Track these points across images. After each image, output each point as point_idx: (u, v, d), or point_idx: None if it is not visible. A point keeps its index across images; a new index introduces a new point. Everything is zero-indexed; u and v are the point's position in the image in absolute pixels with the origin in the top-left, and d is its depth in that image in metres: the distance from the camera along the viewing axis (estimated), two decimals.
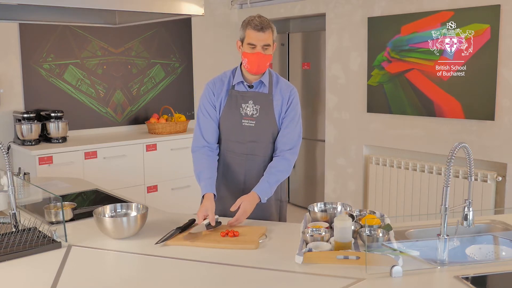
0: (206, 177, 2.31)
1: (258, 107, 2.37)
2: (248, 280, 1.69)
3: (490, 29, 3.67)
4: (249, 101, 2.37)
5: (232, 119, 2.38)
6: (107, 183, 3.76)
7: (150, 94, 5.15)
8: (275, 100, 2.39)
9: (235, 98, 2.38)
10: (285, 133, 2.39)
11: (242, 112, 2.37)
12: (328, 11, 4.79)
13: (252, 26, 2.26)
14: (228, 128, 2.40)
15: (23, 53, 4.36)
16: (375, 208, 4.52)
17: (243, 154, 2.40)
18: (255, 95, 2.38)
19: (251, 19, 2.28)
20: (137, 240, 2.04)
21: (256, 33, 2.25)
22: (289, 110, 2.39)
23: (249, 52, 2.28)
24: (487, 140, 3.82)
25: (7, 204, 2.32)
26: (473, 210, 1.90)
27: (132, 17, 3.26)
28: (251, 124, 2.37)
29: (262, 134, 2.38)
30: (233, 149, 2.41)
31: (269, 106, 2.38)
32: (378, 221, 2.00)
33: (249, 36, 2.27)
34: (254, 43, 2.26)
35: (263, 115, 2.37)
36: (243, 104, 2.38)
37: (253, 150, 2.40)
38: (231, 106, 2.38)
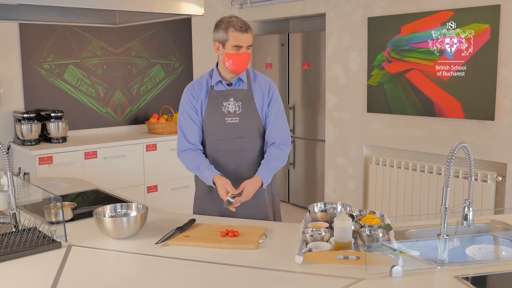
0: (206, 165, 2.37)
1: (240, 103, 2.41)
2: (248, 280, 1.69)
3: (490, 29, 3.67)
4: (230, 98, 2.41)
5: (215, 118, 2.41)
6: (107, 183, 3.76)
7: (150, 94, 5.15)
8: (255, 95, 2.44)
9: (216, 98, 2.42)
10: (275, 125, 2.45)
11: (224, 110, 2.41)
12: (328, 11, 4.79)
13: (236, 28, 2.29)
14: (212, 127, 2.43)
15: (23, 53, 4.36)
16: (375, 208, 4.52)
17: (232, 151, 2.43)
18: (235, 92, 2.42)
19: (231, 21, 2.31)
20: (137, 240, 2.04)
21: (241, 35, 2.30)
22: (271, 103, 2.45)
23: (235, 53, 2.32)
24: (487, 140, 3.82)
25: (7, 204, 2.32)
26: (473, 210, 1.90)
27: (132, 17, 3.26)
28: (235, 121, 2.41)
29: (248, 129, 2.43)
30: (221, 147, 2.44)
31: (250, 101, 2.42)
32: (378, 221, 2.00)
33: (234, 38, 2.30)
34: (240, 45, 2.30)
35: (246, 111, 2.41)
36: (224, 103, 2.41)
37: (242, 146, 2.43)
38: (213, 105, 2.41)
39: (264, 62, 5.80)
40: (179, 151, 2.49)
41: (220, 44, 2.35)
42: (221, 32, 2.33)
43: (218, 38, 2.35)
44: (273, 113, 2.45)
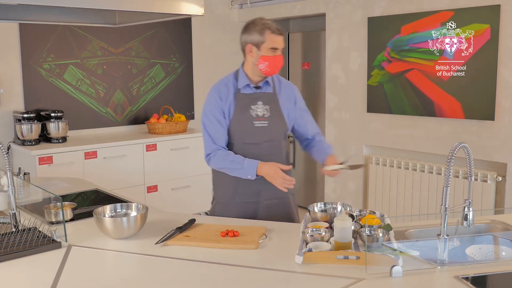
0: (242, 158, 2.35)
1: (267, 107, 2.40)
2: (248, 280, 1.69)
3: (490, 29, 3.67)
4: (258, 102, 2.39)
5: (244, 122, 2.38)
6: (107, 183, 3.76)
7: (150, 94, 5.15)
8: (281, 99, 2.44)
9: (244, 101, 2.39)
10: (307, 121, 2.54)
11: (252, 113, 2.38)
12: (328, 11, 4.79)
13: (272, 30, 2.29)
14: (240, 131, 2.39)
15: (23, 53, 4.36)
16: (375, 208, 4.52)
17: (260, 154, 2.39)
18: (263, 96, 2.41)
19: (266, 23, 2.30)
20: (137, 240, 2.04)
21: (278, 37, 2.30)
22: (298, 103, 2.50)
23: (271, 56, 2.31)
24: (487, 140, 3.82)
25: (7, 204, 2.32)
26: (473, 210, 1.90)
27: (132, 17, 3.26)
28: (264, 125, 2.39)
29: (275, 132, 2.42)
30: (249, 151, 2.40)
31: (276, 104, 2.43)
32: (378, 221, 2.00)
33: (271, 40, 2.29)
34: (277, 47, 2.30)
35: (273, 114, 2.41)
36: (252, 106, 2.38)
37: (270, 150, 2.42)
38: (241, 109, 2.38)
39: None
40: (207, 154, 2.44)
41: (253, 46, 2.32)
42: (256, 34, 2.30)
43: (252, 40, 2.32)
44: (303, 109, 2.53)
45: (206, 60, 5.55)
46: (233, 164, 2.35)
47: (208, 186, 5.00)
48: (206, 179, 4.98)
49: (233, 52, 5.78)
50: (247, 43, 2.35)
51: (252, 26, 2.33)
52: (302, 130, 2.56)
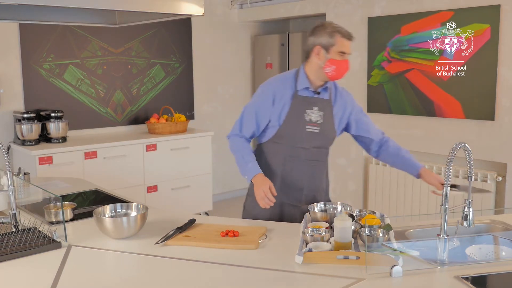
0: (252, 159, 2.35)
1: (322, 113, 2.36)
2: (248, 280, 1.69)
3: (490, 29, 3.67)
4: (314, 107, 2.35)
5: (296, 125, 2.35)
6: (107, 183, 3.76)
7: (150, 94, 5.15)
8: (336, 107, 2.41)
9: (300, 104, 2.35)
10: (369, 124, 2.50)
11: (306, 118, 2.35)
12: (328, 11, 4.79)
13: (343, 34, 2.27)
14: (292, 134, 2.36)
15: (23, 53, 4.36)
16: (375, 208, 4.52)
17: (307, 160, 2.39)
18: (319, 101, 2.37)
19: (336, 26, 2.28)
20: (137, 240, 2.04)
21: (348, 42, 2.28)
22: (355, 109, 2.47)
23: (339, 59, 2.27)
24: (487, 140, 3.82)
25: (7, 204, 2.32)
26: (473, 210, 1.90)
27: (132, 17, 3.26)
28: (315, 130, 2.36)
29: (325, 139, 2.41)
30: (297, 155, 2.38)
31: (330, 112, 2.39)
32: (378, 221, 2.00)
33: (342, 44, 2.26)
34: (346, 51, 2.27)
35: (326, 121, 2.37)
36: (307, 110, 2.35)
37: (317, 156, 2.41)
38: (296, 111, 2.34)
39: (264, 62, 5.80)
40: (231, 134, 2.45)
41: (322, 49, 2.28)
42: (326, 37, 2.26)
43: (321, 42, 2.28)
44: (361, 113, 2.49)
45: (206, 60, 5.55)
46: (241, 158, 2.37)
47: (208, 186, 5.02)
48: (206, 179, 4.99)
49: (233, 52, 5.78)
50: (315, 45, 2.30)
51: (322, 29, 2.28)
52: (365, 133, 2.50)
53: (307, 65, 2.37)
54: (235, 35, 5.79)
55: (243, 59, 5.90)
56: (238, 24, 5.79)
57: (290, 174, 2.40)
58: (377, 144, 2.51)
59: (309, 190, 2.42)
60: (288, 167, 2.40)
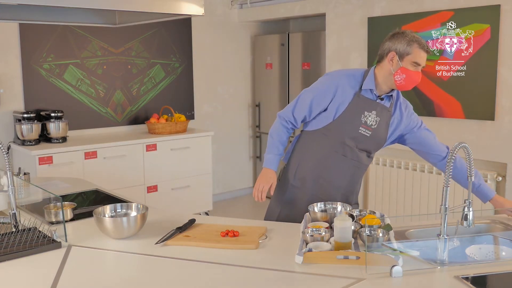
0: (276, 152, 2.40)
1: (378, 119, 2.34)
2: (248, 280, 1.69)
3: (490, 29, 3.67)
4: (373, 111, 2.33)
5: (351, 124, 2.33)
6: (107, 183, 3.76)
7: (150, 94, 5.15)
8: (394, 116, 2.39)
9: (360, 104, 2.33)
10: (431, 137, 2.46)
11: (362, 119, 2.33)
12: (328, 11, 4.79)
13: (421, 46, 2.23)
14: (343, 130, 2.34)
15: (23, 53, 4.36)
16: (375, 208, 4.52)
17: (352, 160, 2.38)
18: (379, 107, 2.34)
19: (416, 37, 2.24)
20: (137, 240, 2.04)
21: (424, 54, 2.25)
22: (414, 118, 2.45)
23: (412, 70, 2.25)
24: (487, 140, 3.82)
25: (7, 204, 2.32)
26: (473, 210, 1.90)
27: (132, 17, 3.26)
28: (366, 134, 2.34)
29: (372, 145, 2.39)
30: (343, 152, 2.37)
31: (387, 120, 2.37)
32: (378, 221, 2.00)
33: (418, 55, 2.23)
34: (420, 63, 2.25)
35: (380, 128, 2.35)
36: (366, 112, 2.33)
37: (361, 158, 2.39)
38: (354, 110, 2.32)
39: (264, 62, 5.80)
40: (282, 114, 2.45)
41: (396, 55, 2.25)
42: (404, 44, 2.23)
43: (397, 48, 2.24)
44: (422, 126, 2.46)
45: (206, 60, 5.55)
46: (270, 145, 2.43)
47: (208, 186, 5.02)
48: (206, 179, 4.99)
49: (233, 52, 5.78)
50: (391, 51, 2.27)
51: (401, 36, 2.25)
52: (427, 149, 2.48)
53: (378, 68, 2.33)
54: (235, 35, 5.79)
55: (243, 59, 5.90)
56: (238, 24, 5.79)
57: (332, 169, 2.39)
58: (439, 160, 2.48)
59: (345, 190, 2.41)
60: (331, 162, 2.38)
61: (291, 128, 2.46)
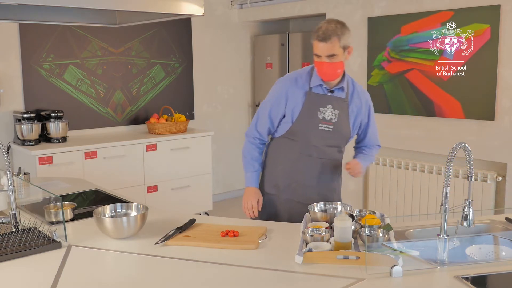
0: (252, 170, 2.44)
1: (337, 112, 2.35)
2: (248, 280, 1.69)
3: (490, 29, 3.67)
4: (328, 105, 2.34)
5: (309, 123, 2.35)
6: (107, 183, 3.76)
7: (150, 94, 5.15)
8: (351, 106, 2.39)
9: (313, 101, 2.34)
10: (372, 132, 2.52)
11: (320, 116, 2.34)
12: (328, 11, 4.79)
13: (315, 36, 2.23)
14: (304, 131, 2.37)
15: (23, 53, 4.36)
16: (375, 208, 4.52)
17: (319, 158, 2.39)
18: (333, 100, 2.35)
19: (317, 28, 2.25)
20: (137, 240, 2.04)
21: (319, 43, 2.22)
22: (370, 114, 2.48)
23: (316, 61, 2.27)
24: (487, 140, 3.82)
25: (7, 204, 2.32)
26: (473, 210, 1.90)
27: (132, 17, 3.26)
28: (328, 129, 2.36)
29: (338, 139, 2.39)
30: (309, 152, 2.39)
31: (345, 111, 2.38)
32: (378, 221, 2.00)
33: (314, 46, 2.25)
34: (318, 54, 2.24)
35: (340, 120, 2.36)
36: (321, 108, 2.34)
37: (329, 155, 2.40)
38: (309, 109, 2.35)
39: (264, 62, 5.80)
40: (248, 133, 2.51)
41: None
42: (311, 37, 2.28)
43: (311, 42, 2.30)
44: (371, 121, 2.51)
45: (206, 60, 5.55)
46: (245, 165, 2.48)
47: (208, 186, 5.02)
48: (206, 179, 4.99)
49: (233, 52, 5.78)
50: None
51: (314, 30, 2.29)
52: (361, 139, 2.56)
53: None
54: (235, 35, 5.79)
55: (243, 59, 5.90)
56: (238, 24, 5.79)
57: (302, 171, 2.40)
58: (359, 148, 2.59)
59: (321, 189, 2.41)
60: (300, 164, 2.40)
61: (260, 143, 2.49)
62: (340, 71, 2.32)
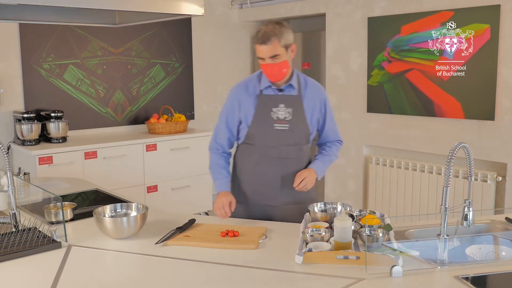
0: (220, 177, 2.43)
1: (290, 110, 2.35)
2: (248, 280, 1.69)
3: (490, 29, 3.67)
4: (280, 104, 2.35)
5: (264, 124, 2.36)
6: (107, 183, 3.76)
7: (150, 94, 5.15)
8: (306, 102, 2.39)
9: (265, 103, 2.36)
10: (330, 128, 2.49)
11: (273, 116, 2.35)
12: (328, 11, 4.79)
13: (256, 40, 2.26)
14: (261, 133, 2.37)
15: (23, 53, 4.35)
16: (375, 208, 4.52)
17: (278, 158, 2.38)
18: (285, 98, 2.36)
19: (257, 32, 2.28)
20: (137, 240, 2.04)
21: (260, 46, 2.25)
22: (326, 109, 2.46)
23: (261, 64, 2.29)
24: (487, 140, 3.82)
25: (7, 204, 2.32)
26: (473, 210, 1.90)
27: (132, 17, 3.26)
28: (284, 128, 2.36)
29: (296, 137, 2.38)
30: (268, 154, 2.38)
31: (300, 108, 2.37)
32: (378, 221, 2.00)
33: (257, 49, 2.28)
34: (260, 56, 2.27)
35: (295, 118, 2.36)
36: (273, 108, 2.35)
37: (289, 154, 2.38)
38: (262, 111, 2.36)
39: None
40: (210, 146, 2.54)
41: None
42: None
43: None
44: (329, 117, 2.47)
45: (206, 60, 5.55)
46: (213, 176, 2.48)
47: (208, 186, 5.02)
48: (206, 179, 4.99)
49: (233, 52, 5.78)
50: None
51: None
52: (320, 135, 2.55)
53: None
54: (235, 35, 5.79)
55: (243, 59, 5.90)
56: (238, 24, 5.79)
57: (264, 174, 2.40)
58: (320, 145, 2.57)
59: (289, 189, 2.37)
60: (261, 167, 2.40)
61: (223, 152, 2.51)
62: (286, 70, 2.32)
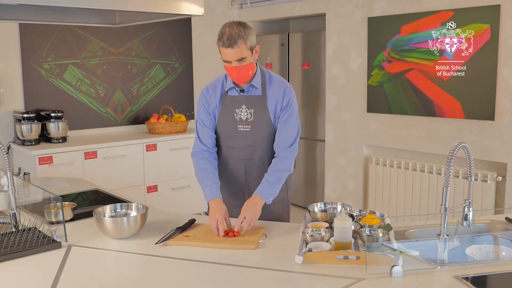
0: (208, 183, 2.29)
1: (252, 110, 2.33)
2: (248, 280, 1.69)
3: (490, 29, 3.67)
4: (242, 105, 2.33)
5: (227, 125, 2.36)
6: (107, 183, 3.76)
7: (150, 94, 5.15)
8: (269, 101, 2.33)
9: (229, 104, 2.35)
10: (282, 132, 2.32)
11: (236, 117, 2.34)
12: (328, 11, 4.79)
13: (221, 43, 2.18)
14: (224, 134, 2.38)
15: (23, 53, 4.36)
16: (375, 208, 4.52)
17: (242, 159, 2.38)
18: (247, 99, 2.33)
19: (221, 34, 2.19)
20: (137, 240, 2.04)
21: (226, 50, 2.17)
22: (283, 110, 2.32)
23: (227, 67, 2.24)
24: (487, 140, 3.82)
25: (7, 204, 2.32)
26: (473, 210, 1.90)
27: (132, 17, 3.26)
28: (246, 129, 2.34)
29: (258, 138, 2.35)
30: (232, 155, 2.39)
31: (263, 108, 2.33)
32: (378, 221, 2.00)
33: (222, 52, 2.20)
34: (226, 60, 2.21)
35: (258, 118, 2.32)
36: (236, 109, 2.34)
37: (252, 155, 2.37)
38: (226, 112, 2.36)
39: (264, 62, 5.80)
40: (194, 152, 2.41)
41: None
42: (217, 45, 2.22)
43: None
44: (283, 120, 2.32)
45: (206, 60, 5.55)
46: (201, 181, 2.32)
47: None
48: None
49: None
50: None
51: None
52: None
53: None
54: None
55: None
56: None
57: (231, 174, 2.41)
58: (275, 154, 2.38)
59: (251, 189, 2.33)
60: (229, 167, 2.41)
61: (209, 155, 2.38)
62: (252, 72, 2.29)
